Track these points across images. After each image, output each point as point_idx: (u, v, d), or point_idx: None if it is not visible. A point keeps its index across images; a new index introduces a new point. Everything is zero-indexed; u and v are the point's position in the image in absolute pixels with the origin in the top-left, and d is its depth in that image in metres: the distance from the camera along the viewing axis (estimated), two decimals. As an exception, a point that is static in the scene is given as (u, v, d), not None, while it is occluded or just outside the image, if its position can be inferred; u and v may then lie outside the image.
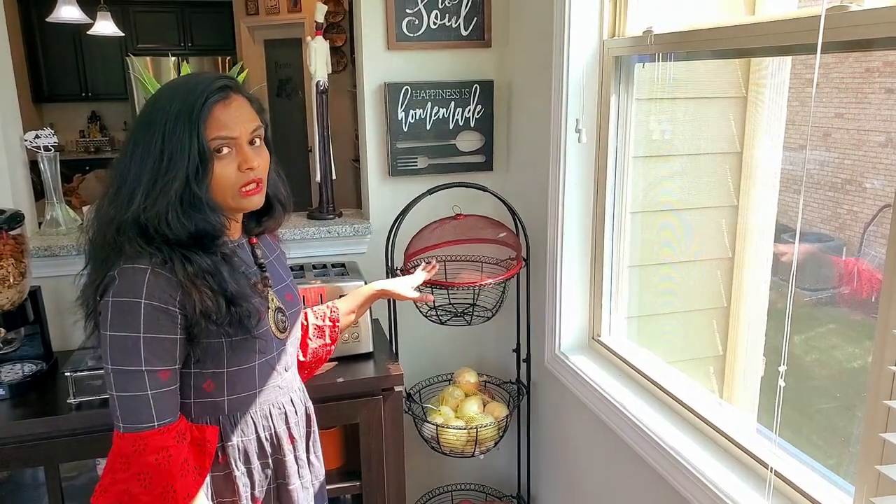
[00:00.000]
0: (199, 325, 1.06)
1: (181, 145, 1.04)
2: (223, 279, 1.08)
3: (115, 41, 5.64)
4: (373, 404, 1.73)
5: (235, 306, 1.08)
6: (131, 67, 5.38)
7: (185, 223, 1.05)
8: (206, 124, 1.06)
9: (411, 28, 2.05)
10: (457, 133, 2.14)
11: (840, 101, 2.02)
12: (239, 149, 1.09)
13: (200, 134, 1.04)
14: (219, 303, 1.06)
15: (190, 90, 1.07)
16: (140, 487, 1.05)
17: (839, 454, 1.65)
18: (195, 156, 1.04)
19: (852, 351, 2.10)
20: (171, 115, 1.05)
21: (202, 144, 1.04)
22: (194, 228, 1.06)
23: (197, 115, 1.05)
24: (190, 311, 1.05)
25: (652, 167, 1.80)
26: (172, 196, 1.04)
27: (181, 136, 1.04)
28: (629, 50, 1.63)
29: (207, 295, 1.05)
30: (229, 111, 1.09)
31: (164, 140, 1.04)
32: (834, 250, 2.15)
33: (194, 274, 1.05)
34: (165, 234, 1.05)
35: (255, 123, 1.12)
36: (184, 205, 1.05)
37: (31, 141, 1.92)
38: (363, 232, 2.13)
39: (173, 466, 1.06)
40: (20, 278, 1.63)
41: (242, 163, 1.09)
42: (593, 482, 1.84)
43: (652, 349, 1.75)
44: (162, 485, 1.05)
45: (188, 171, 1.04)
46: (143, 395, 1.04)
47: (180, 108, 1.05)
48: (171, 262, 1.04)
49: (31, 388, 1.67)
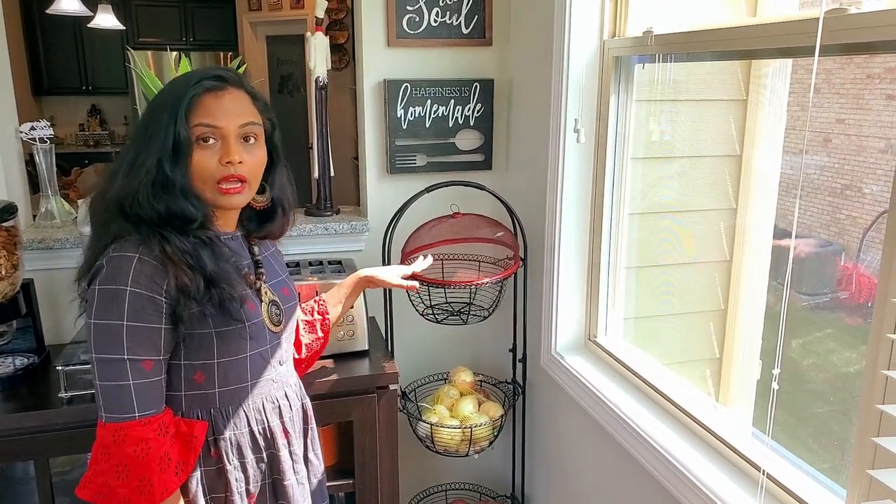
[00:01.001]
0: (180, 303, 1.05)
1: (160, 127, 1.05)
2: (201, 259, 1.08)
3: (116, 34, 5.62)
4: (367, 402, 1.72)
5: (215, 287, 1.08)
6: (131, 61, 5.37)
7: (153, 204, 1.06)
8: (192, 110, 1.07)
9: (412, 25, 2.04)
10: (456, 131, 2.13)
11: (841, 107, 2.02)
12: (224, 141, 1.09)
13: (179, 117, 1.05)
14: (196, 280, 1.06)
15: (187, 78, 1.09)
16: (118, 479, 1.04)
17: (833, 458, 1.64)
18: (170, 138, 1.05)
19: (849, 355, 2.10)
20: (162, 100, 1.08)
21: (178, 127, 1.05)
22: (164, 209, 1.06)
23: (181, 99, 1.06)
24: (173, 292, 1.05)
25: (651, 168, 1.79)
26: (143, 175, 1.05)
27: (162, 117, 1.06)
28: (629, 50, 1.63)
29: (185, 272, 1.05)
30: (220, 102, 1.08)
31: (149, 122, 1.07)
32: (832, 255, 2.15)
33: (172, 252, 1.05)
34: (138, 212, 1.06)
35: (250, 118, 1.11)
36: (155, 185, 1.06)
37: (27, 133, 1.91)
38: (360, 229, 2.12)
39: (152, 460, 1.05)
40: (12, 270, 1.62)
41: (224, 155, 1.08)
42: (587, 483, 1.83)
43: (648, 351, 1.74)
44: (139, 478, 1.04)
45: (161, 152, 1.05)
46: (126, 384, 1.04)
47: (171, 94, 1.07)
48: (149, 240, 1.05)
49: (23, 382, 1.66)
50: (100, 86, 6.64)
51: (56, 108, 6.59)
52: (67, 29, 6.23)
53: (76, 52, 6.48)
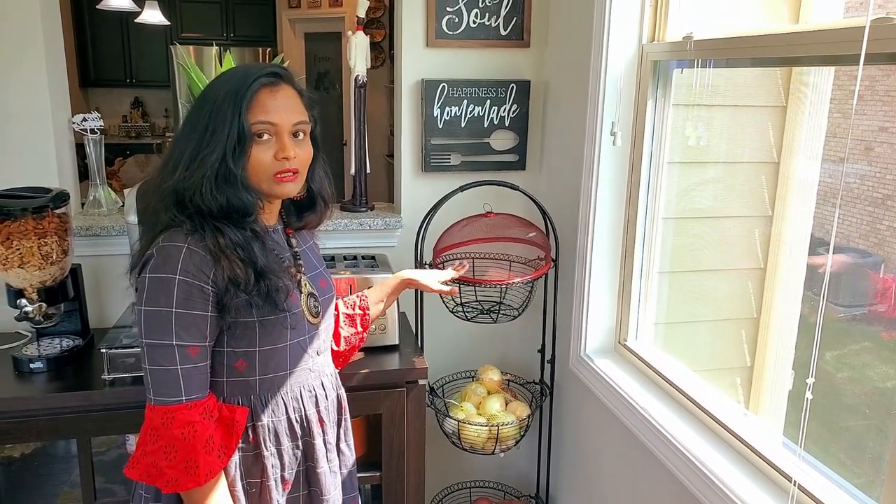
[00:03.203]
0: (229, 292, 1.09)
1: (224, 121, 1.08)
2: (253, 252, 1.11)
3: (160, 29, 5.76)
4: (396, 396, 1.75)
5: (264, 279, 1.11)
6: (175, 55, 5.49)
7: (216, 196, 1.09)
8: (250, 106, 1.10)
9: (451, 26, 2.06)
10: (491, 131, 2.15)
11: (885, 115, 1.98)
12: (278, 137, 1.12)
13: (242, 113, 1.08)
14: (248, 272, 1.10)
15: (243, 73, 1.12)
16: (166, 461, 1.08)
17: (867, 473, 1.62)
18: (234, 133, 1.08)
19: (886, 370, 2.06)
20: (221, 94, 1.10)
21: (242, 123, 1.08)
22: (225, 202, 1.09)
23: (242, 95, 1.09)
24: (221, 282, 1.08)
25: (686, 173, 1.78)
26: (208, 169, 1.08)
27: (225, 112, 1.08)
28: (668, 55, 1.62)
29: (237, 264, 1.09)
30: (275, 98, 1.12)
31: (210, 116, 1.09)
32: (871, 267, 2.10)
33: (225, 245, 1.09)
34: (199, 204, 1.09)
35: (301, 117, 1.15)
36: (218, 178, 1.09)
37: (79, 124, 1.98)
38: (394, 226, 2.15)
39: (198, 442, 1.09)
40: (63, 256, 1.69)
41: (279, 151, 1.12)
42: (613, 487, 1.83)
43: (679, 356, 1.73)
44: (186, 459, 1.08)
45: (226, 147, 1.08)
46: (174, 369, 1.08)
47: (230, 88, 1.10)
48: (203, 232, 1.08)
49: (68, 363, 1.73)
50: (143, 79, 6.81)
51: (101, 99, 6.79)
52: (114, 23, 6.41)
53: (122, 46, 6.67)
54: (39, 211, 1.61)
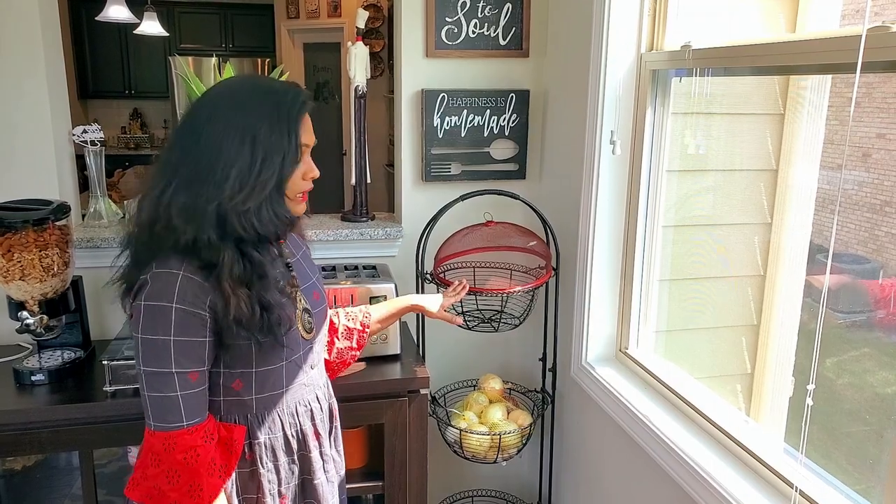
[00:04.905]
0: (231, 329, 1.08)
1: (279, 145, 1.07)
2: (265, 286, 1.10)
3: (159, 41, 5.78)
4: (398, 406, 1.75)
5: (269, 313, 1.10)
6: (174, 66, 5.51)
7: (273, 220, 1.09)
8: (299, 129, 1.10)
9: (450, 36, 2.07)
10: (491, 141, 2.16)
11: (882, 122, 1.99)
12: (305, 157, 1.14)
13: (298, 136, 1.09)
14: (254, 309, 1.08)
15: (280, 94, 1.10)
16: (168, 484, 1.08)
17: (868, 479, 1.62)
18: (290, 157, 1.08)
19: (886, 376, 2.06)
20: (265, 115, 1.07)
21: (299, 146, 1.09)
22: (280, 225, 1.11)
23: (295, 119, 1.09)
24: (221, 314, 1.07)
25: (686, 181, 1.79)
26: (267, 194, 1.07)
27: (280, 136, 1.07)
28: (667, 64, 1.64)
29: (244, 301, 1.07)
30: (308, 120, 1.14)
31: (258, 138, 1.06)
32: (870, 273, 2.11)
33: (237, 279, 1.07)
34: (244, 227, 1.06)
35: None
36: (273, 202, 1.09)
37: (79, 135, 1.99)
38: (395, 235, 2.16)
39: (201, 465, 1.09)
40: (64, 268, 1.69)
41: (308, 171, 1.14)
42: (615, 494, 1.83)
43: (679, 364, 1.74)
44: (189, 483, 1.08)
45: (284, 171, 1.08)
46: (174, 395, 1.07)
47: (274, 110, 1.08)
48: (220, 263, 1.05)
49: (69, 375, 1.73)
50: (142, 90, 6.83)
51: (99, 110, 6.79)
52: (113, 35, 6.43)
53: (120, 58, 6.69)
54: (40, 223, 1.61)
